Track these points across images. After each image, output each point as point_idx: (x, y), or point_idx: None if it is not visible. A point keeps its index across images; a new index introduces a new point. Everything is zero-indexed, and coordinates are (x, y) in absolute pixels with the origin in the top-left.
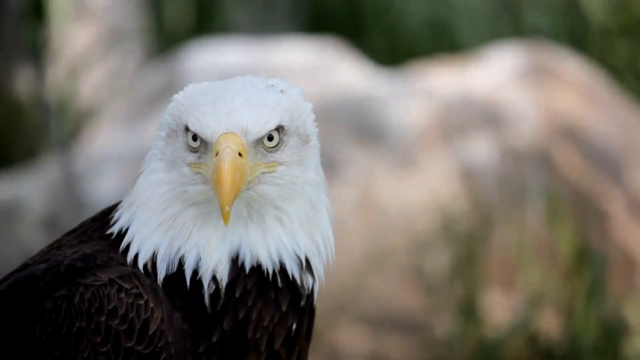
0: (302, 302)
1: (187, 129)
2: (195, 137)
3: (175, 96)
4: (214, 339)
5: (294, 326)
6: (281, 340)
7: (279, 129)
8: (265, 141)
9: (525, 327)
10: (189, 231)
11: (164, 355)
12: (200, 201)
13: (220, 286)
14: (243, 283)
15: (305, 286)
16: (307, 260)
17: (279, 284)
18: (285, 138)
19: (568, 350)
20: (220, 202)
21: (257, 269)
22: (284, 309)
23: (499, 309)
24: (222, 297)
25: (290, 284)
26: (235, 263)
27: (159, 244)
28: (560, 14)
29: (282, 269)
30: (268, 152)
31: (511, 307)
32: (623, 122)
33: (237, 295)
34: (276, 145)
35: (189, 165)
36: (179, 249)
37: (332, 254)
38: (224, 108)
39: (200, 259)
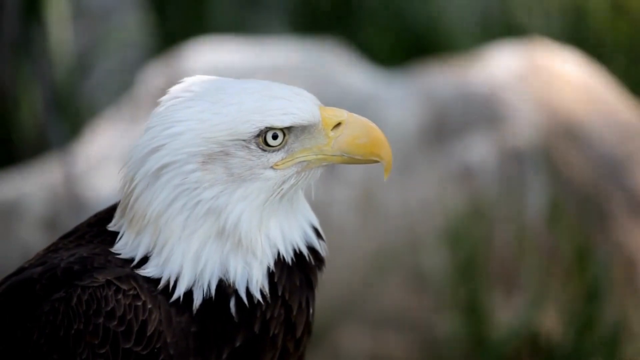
0: (321, 273)
1: (258, 135)
2: (275, 136)
3: (180, 129)
4: (238, 344)
5: (312, 310)
6: (302, 328)
7: None
8: None
9: (527, 328)
10: (258, 249)
11: (162, 356)
12: (278, 199)
13: (265, 292)
14: (281, 282)
15: (325, 254)
16: (315, 230)
17: (312, 262)
18: None
19: (570, 350)
20: (386, 156)
21: (297, 255)
22: (315, 286)
23: (500, 309)
24: (269, 301)
25: (318, 259)
26: (277, 265)
27: (211, 275)
28: (559, 13)
29: (309, 247)
30: None
31: (512, 307)
32: (623, 122)
33: (279, 294)
34: None
35: (274, 166)
36: (232, 277)
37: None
38: (290, 94)
39: (250, 278)
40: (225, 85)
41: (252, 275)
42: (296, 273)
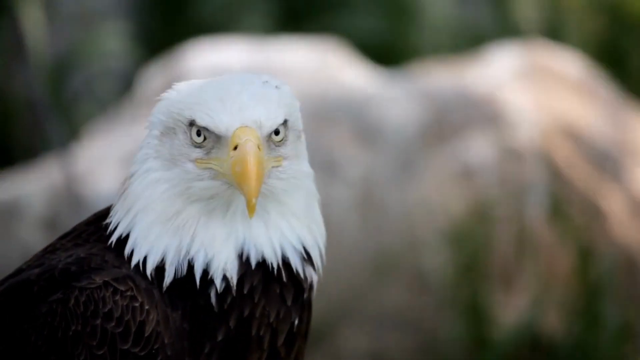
0: (305, 295)
1: (191, 124)
2: (199, 133)
3: (168, 94)
4: (219, 338)
5: (296, 322)
6: (284, 336)
7: (285, 123)
8: (273, 136)
9: (528, 328)
10: (193, 230)
11: (160, 357)
12: (205, 197)
13: (231, 284)
14: (250, 279)
15: (308, 279)
16: (307, 253)
17: (284, 279)
18: (287, 133)
19: (571, 350)
20: (247, 194)
21: (262, 264)
22: (288, 303)
23: (502, 309)
24: (234, 294)
25: (294, 278)
26: (241, 259)
27: (167, 247)
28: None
29: (286, 263)
30: (275, 146)
31: (514, 308)
32: (622, 121)
33: (244, 292)
34: (281, 140)
35: (194, 161)
36: (187, 251)
37: (325, 246)
38: (234, 103)
39: (210, 259)
40: (234, 76)
41: (212, 261)
42: (275, 283)
